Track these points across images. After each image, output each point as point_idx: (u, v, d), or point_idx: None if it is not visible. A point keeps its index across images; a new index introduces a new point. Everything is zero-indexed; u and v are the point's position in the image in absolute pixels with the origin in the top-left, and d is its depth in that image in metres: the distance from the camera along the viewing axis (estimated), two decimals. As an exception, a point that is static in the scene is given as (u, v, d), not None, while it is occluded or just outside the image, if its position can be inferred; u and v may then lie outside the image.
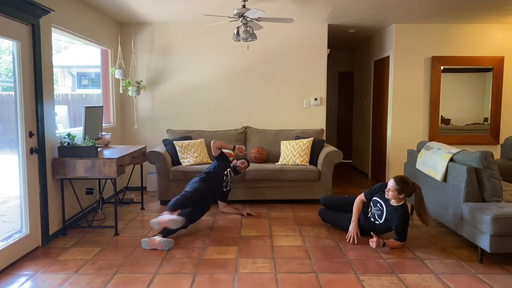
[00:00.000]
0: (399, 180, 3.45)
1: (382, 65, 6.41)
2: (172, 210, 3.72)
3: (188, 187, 4.07)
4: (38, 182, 3.56)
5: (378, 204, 3.62)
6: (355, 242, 3.65)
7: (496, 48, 5.86)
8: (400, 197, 3.49)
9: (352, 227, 3.72)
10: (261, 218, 4.49)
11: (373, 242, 3.50)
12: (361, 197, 3.81)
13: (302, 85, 5.85)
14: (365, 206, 3.82)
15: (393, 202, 3.51)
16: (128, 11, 5.06)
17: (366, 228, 3.75)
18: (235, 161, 4.69)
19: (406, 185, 3.44)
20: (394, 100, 5.95)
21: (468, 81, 5.97)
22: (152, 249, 3.51)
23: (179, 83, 5.81)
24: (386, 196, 3.50)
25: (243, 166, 4.65)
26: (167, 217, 3.56)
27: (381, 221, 3.61)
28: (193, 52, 5.77)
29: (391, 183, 3.48)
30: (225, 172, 4.42)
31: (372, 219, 3.69)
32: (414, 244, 3.67)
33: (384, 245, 3.50)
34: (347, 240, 3.70)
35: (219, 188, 4.41)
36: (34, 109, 3.49)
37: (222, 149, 4.48)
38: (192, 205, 3.93)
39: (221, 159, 4.43)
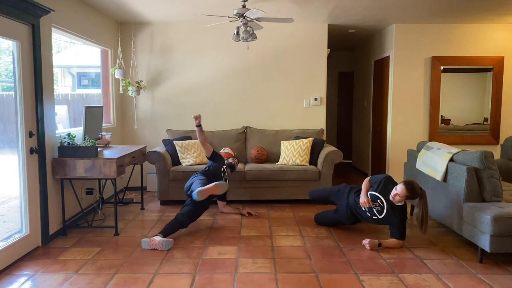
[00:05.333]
0: (410, 188, 3.39)
1: (382, 65, 6.41)
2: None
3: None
4: (38, 182, 3.56)
5: (378, 200, 3.61)
6: (371, 205, 3.62)
7: (496, 48, 5.86)
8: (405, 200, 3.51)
9: (363, 197, 3.67)
10: (261, 218, 4.49)
11: (366, 244, 3.51)
12: (367, 179, 3.78)
13: (302, 85, 5.85)
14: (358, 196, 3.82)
15: (394, 202, 3.51)
16: (128, 11, 5.06)
17: (361, 218, 3.83)
18: (231, 159, 4.72)
19: (415, 193, 3.41)
20: (394, 100, 5.95)
21: (468, 81, 5.97)
22: (152, 249, 3.51)
23: (179, 83, 5.81)
24: (391, 198, 3.49)
25: (235, 161, 4.71)
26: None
27: (380, 217, 3.61)
28: (193, 52, 5.77)
29: (401, 190, 3.40)
30: (222, 169, 4.42)
31: (369, 214, 3.69)
32: (414, 244, 3.67)
33: (380, 245, 3.51)
34: (361, 205, 3.67)
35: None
36: (34, 109, 3.49)
37: (214, 149, 4.46)
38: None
39: (214, 159, 4.42)
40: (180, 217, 3.81)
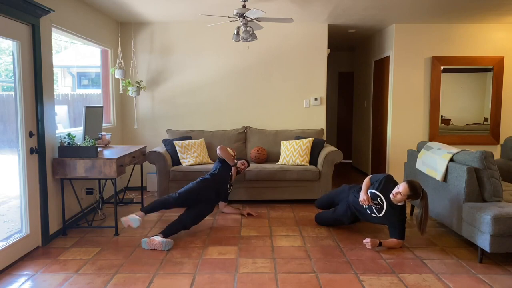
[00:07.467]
0: (412, 188, 3.38)
1: (382, 65, 6.41)
2: (146, 212, 3.73)
3: (181, 189, 4.06)
4: (38, 182, 3.56)
5: (378, 199, 3.61)
6: (370, 203, 3.63)
7: (496, 48, 5.86)
8: (406, 200, 3.50)
9: (363, 195, 3.68)
10: (261, 218, 4.49)
11: (368, 243, 3.51)
12: (368, 178, 3.81)
13: (302, 85, 5.85)
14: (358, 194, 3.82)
15: (395, 201, 3.51)
16: (128, 11, 5.06)
17: (360, 216, 3.84)
18: (235, 161, 4.69)
19: (417, 193, 3.41)
20: (394, 100, 5.95)
21: (468, 81, 5.97)
22: (151, 249, 3.51)
23: (179, 83, 5.81)
24: (392, 197, 3.49)
25: (243, 167, 4.65)
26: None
27: (379, 215, 3.62)
28: (193, 52, 5.77)
29: (403, 188, 3.39)
30: (230, 174, 4.42)
31: (369, 212, 3.69)
32: (414, 244, 3.67)
33: (380, 244, 3.51)
34: (361, 203, 3.68)
35: (225, 189, 4.40)
36: (34, 109, 3.49)
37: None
38: (179, 205, 3.94)
39: (223, 162, 4.42)
40: (183, 219, 3.82)
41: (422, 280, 2.92)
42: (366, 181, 3.78)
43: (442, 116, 5.96)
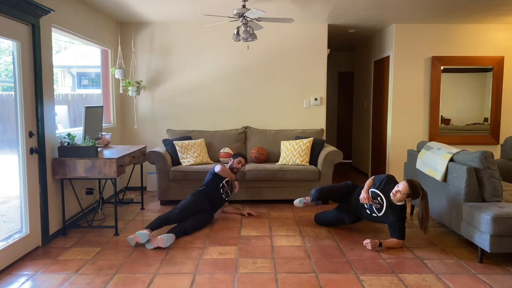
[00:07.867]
0: (412, 186, 3.39)
1: (382, 65, 6.41)
2: (151, 229, 3.68)
3: (179, 204, 4.09)
4: (38, 182, 3.56)
5: (378, 198, 3.62)
6: (370, 201, 3.65)
7: (496, 48, 5.86)
8: (406, 199, 3.50)
9: (364, 193, 3.70)
10: (261, 218, 4.49)
11: (368, 244, 3.51)
12: (371, 178, 3.81)
13: (302, 85, 5.85)
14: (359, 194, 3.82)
15: (395, 201, 3.51)
16: (128, 11, 5.06)
17: (361, 216, 3.85)
18: (231, 160, 4.65)
19: (417, 192, 3.42)
20: (394, 100, 5.95)
21: (468, 81, 5.97)
22: (155, 247, 3.51)
23: (179, 83, 5.81)
24: (392, 196, 3.49)
25: (239, 166, 4.60)
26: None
27: (379, 215, 3.62)
28: (193, 52, 5.77)
29: (403, 187, 3.41)
30: (220, 185, 4.37)
31: (369, 211, 3.70)
32: (414, 244, 3.67)
33: (380, 245, 3.51)
34: (361, 201, 3.69)
35: (218, 200, 4.38)
36: (34, 109, 3.49)
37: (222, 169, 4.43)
38: (182, 220, 3.94)
39: (216, 176, 4.40)
40: (184, 226, 3.86)
41: (422, 280, 2.92)
42: (368, 181, 3.79)
43: (442, 116, 5.96)
